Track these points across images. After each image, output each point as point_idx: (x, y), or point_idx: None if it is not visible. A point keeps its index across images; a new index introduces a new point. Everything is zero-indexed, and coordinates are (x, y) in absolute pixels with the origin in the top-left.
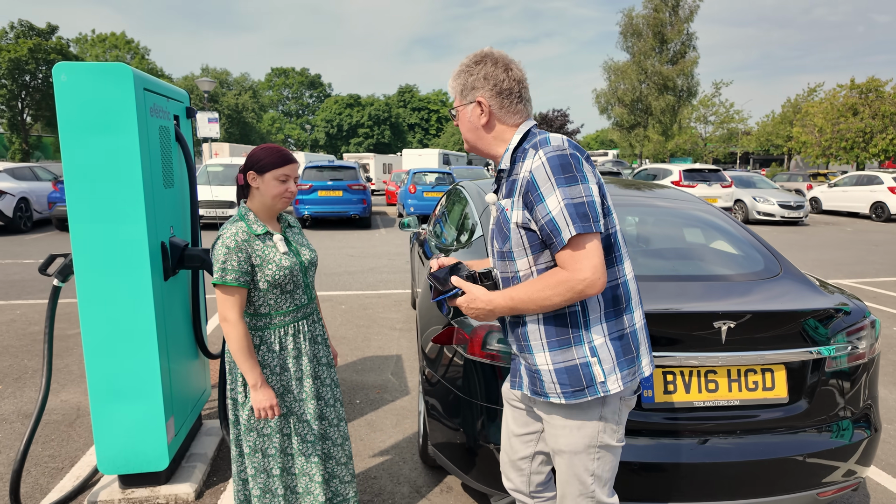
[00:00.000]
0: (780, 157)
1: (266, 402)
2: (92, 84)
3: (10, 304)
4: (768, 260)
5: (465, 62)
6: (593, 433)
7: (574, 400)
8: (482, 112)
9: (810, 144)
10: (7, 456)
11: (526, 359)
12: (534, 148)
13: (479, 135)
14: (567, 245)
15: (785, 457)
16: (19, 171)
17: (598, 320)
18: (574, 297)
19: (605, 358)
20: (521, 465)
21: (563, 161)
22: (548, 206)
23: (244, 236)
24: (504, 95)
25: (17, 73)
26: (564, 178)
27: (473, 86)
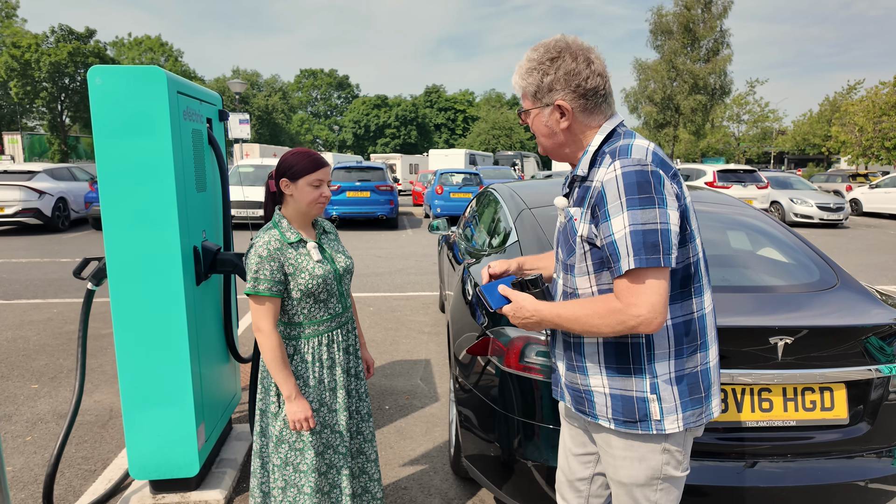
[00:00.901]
0: (817, 157)
1: (301, 414)
2: (126, 87)
3: (48, 302)
4: (823, 269)
5: (538, 57)
6: (656, 466)
7: (624, 429)
8: (563, 116)
9: (850, 144)
10: (42, 457)
11: (575, 378)
12: (612, 155)
13: (558, 140)
14: (625, 276)
15: (844, 482)
16: (58, 172)
17: (666, 356)
18: (624, 332)
19: (665, 398)
20: (579, 486)
21: (640, 178)
22: (612, 227)
23: (277, 245)
24: (588, 96)
25: (57, 76)
26: (638, 199)
27: (551, 87)
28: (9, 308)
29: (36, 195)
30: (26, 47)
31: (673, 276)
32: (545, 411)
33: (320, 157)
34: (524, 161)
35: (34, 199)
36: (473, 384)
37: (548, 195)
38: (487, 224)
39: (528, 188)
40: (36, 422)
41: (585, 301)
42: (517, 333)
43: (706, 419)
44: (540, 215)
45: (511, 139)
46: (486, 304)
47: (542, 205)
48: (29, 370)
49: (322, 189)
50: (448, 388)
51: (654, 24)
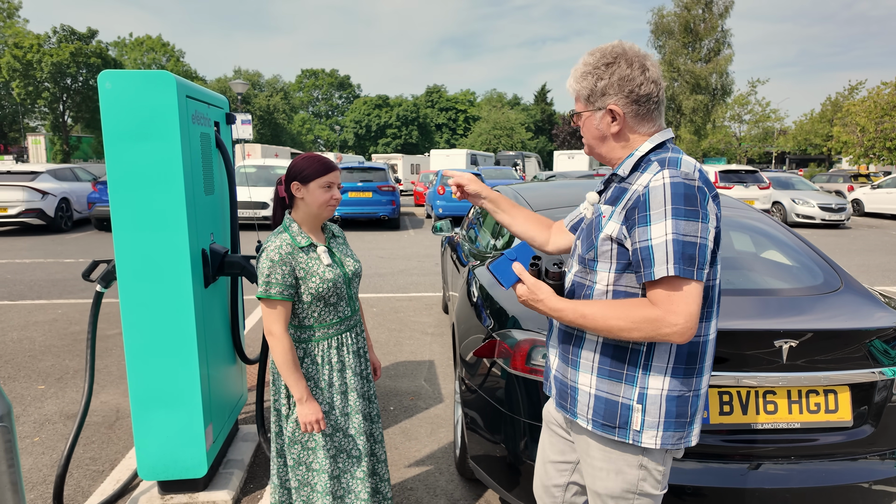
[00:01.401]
0: (818, 157)
1: (312, 416)
2: (136, 92)
3: (52, 303)
4: (827, 272)
5: (593, 62)
6: (633, 480)
7: (601, 431)
8: (614, 121)
9: (852, 144)
10: (51, 457)
11: (566, 373)
12: (660, 164)
13: (608, 143)
14: (662, 283)
15: (848, 484)
16: (60, 172)
17: (662, 371)
18: (655, 339)
19: (650, 412)
20: (554, 492)
21: (688, 191)
22: (650, 232)
23: (288, 249)
24: (641, 102)
25: (59, 76)
26: (684, 210)
27: (604, 91)
28: (14, 309)
29: (39, 196)
30: (28, 47)
31: None
32: None
33: (330, 161)
34: (525, 161)
35: (37, 200)
36: (479, 386)
37: (552, 197)
38: (491, 226)
39: (532, 190)
40: (43, 422)
41: (615, 304)
42: (523, 336)
43: (684, 444)
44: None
45: (512, 139)
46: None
47: (547, 207)
48: (35, 371)
49: (333, 191)
50: (452, 389)
51: (654, 25)
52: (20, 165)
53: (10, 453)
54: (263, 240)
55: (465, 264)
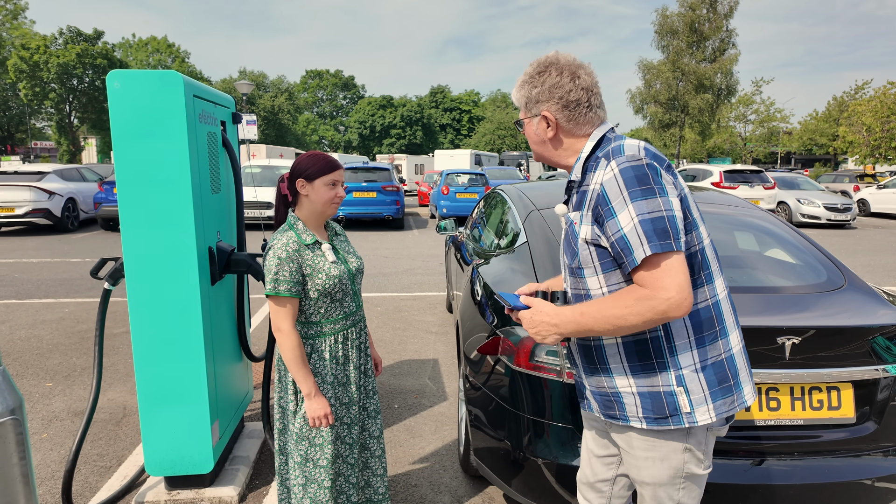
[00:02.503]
0: (824, 157)
1: (321, 411)
2: (144, 91)
3: (60, 301)
4: (830, 270)
5: (529, 71)
6: (678, 465)
7: (656, 426)
8: (548, 126)
9: (858, 144)
10: (59, 454)
11: (601, 382)
12: (606, 157)
13: (547, 148)
14: (643, 265)
15: (850, 481)
16: (67, 173)
17: (687, 346)
18: (655, 319)
19: (693, 389)
20: (601, 487)
21: (637, 172)
22: (619, 223)
23: (294, 246)
24: (571, 108)
25: (66, 77)
26: (640, 191)
27: (538, 98)
28: (22, 307)
29: (46, 196)
30: (35, 49)
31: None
32: (555, 409)
33: (334, 159)
34: (529, 161)
35: (44, 200)
36: (483, 383)
37: (556, 197)
38: (496, 225)
39: (536, 189)
40: (51, 419)
41: (608, 297)
42: (527, 333)
43: (739, 407)
44: (549, 216)
45: (516, 139)
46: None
47: (551, 206)
48: (43, 368)
49: (337, 189)
50: (456, 387)
51: (658, 25)
52: (27, 166)
53: (21, 446)
54: (269, 238)
55: (468, 263)
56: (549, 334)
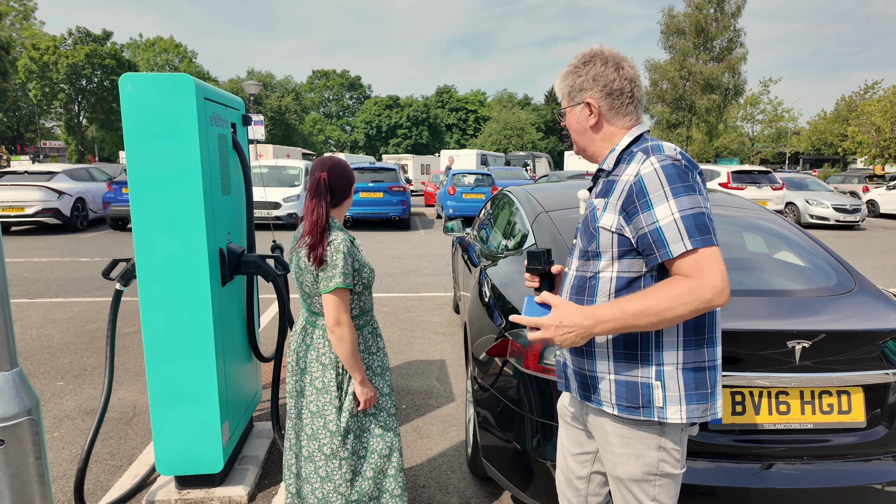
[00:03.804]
0: (833, 157)
1: (371, 393)
2: (156, 94)
3: (70, 301)
4: (840, 273)
5: (573, 63)
6: (653, 462)
7: (626, 414)
8: (591, 113)
9: (867, 144)
10: (70, 452)
11: (583, 364)
12: (644, 153)
13: (588, 137)
14: (683, 258)
15: (860, 485)
16: (76, 172)
17: (674, 346)
18: (701, 308)
19: (670, 386)
20: (578, 484)
21: (678, 170)
22: (655, 215)
23: (349, 243)
24: (615, 96)
25: (75, 77)
26: (683, 187)
27: (582, 87)
28: (32, 307)
29: (55, 195)
30: (45, 49)
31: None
32: None
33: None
34: (536, 161)
35: (53, 200)
36: (492, 385)
37: (564, 198)
38: (503, 227)
39: (544, 191)
40: (63, 418)
41: (650, 290)
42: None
43: (711, 417)
44: (557, 218)
45: (523, 139)
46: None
47: (559, 207)
48: (54, 368)
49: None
50: (463, 388)
51: (665, 25)
52: (37, 165)
53: (37, 446)
54: (278, 239)
55: (476, 264)
56: (581, 338)
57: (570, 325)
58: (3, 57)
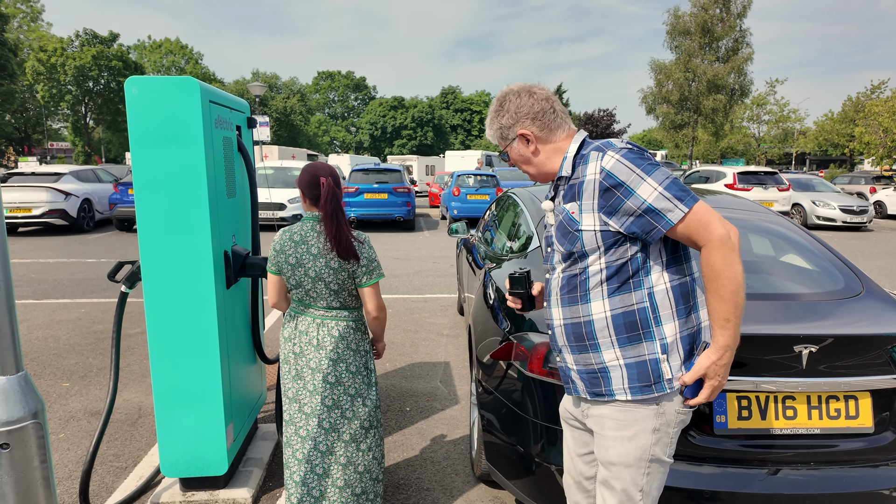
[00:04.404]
0: (840, 158)
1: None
2: (161, 97)
3: (76, 302)
4: (848, 277)
5: (492, 109)
6: (645, 444)
7: (640, 395)
8: (528, 141)
9: (874, 145)
10: (76, 453)
11: (588, 359)
12: (597, 150)
13: (533, 162)
14: (684, 222)
15: (868, 491)
16: (83, 174)
17: (671, 317)
18: (735, 251)
19: (673, 356)
20: (587, 485)
21: (637, 155)
22: (641, 195)
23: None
24: (540, 117)
25: (82, 79)
26: (648, 165)
27: (509, 124)
28: (39, 307)
29: (62, 196)
30: (52, 51)
31: (665, 243)
32: None
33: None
34: None
35: (60, 201)
36: (496, 388)
37: None
38: (508, 229)
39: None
40: (68, 419)
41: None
42: (540, 339)
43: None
44: None
45: None
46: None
47: None
48: (60, 369)
49: None
50: (468, 390)
51: (670, 26)
52: (44, 167)
53: (42, 449)
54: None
55: (481, 266)
56: (727, 372)
57: (718, 373)
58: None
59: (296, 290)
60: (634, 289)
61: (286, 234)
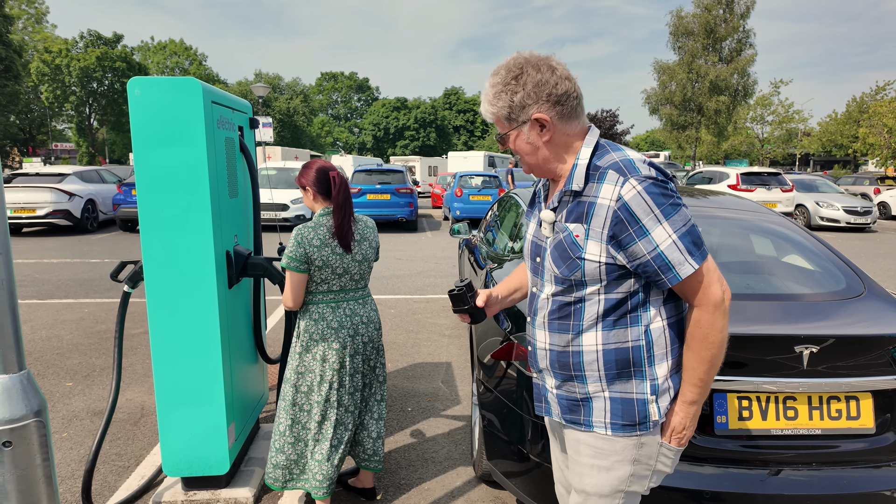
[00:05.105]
0: (844, 158)
1: None
2: (164, 98)
3: (79, 302)
4: (850, 277)
5: (502, 80)
6: (623, 476)
7: (622, 433)
8: (543, 128)
9: (878, 146)
10: (78, 452)
11: (572, 387)
12: (618, 172)
13: (543, 155)
14: (689, 278)
15: (870, 492)
16: (87, 174)
17: (664, 357)
18: (726, 315)
19: (664, 396)
20: None
21: (661, 189)
22: (655, 240)
23: None
24: (563, 101)
25: (86, 80)
26: (670, 206)
27: (523, 103)
28: (42, 307)
29: (66, 197)
30: (57, 52)
31: None
32: None
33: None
34: None
35: (64, 201)
36: (497, 388)
37: None
38: (509, 229)
39: None
40: (71, 419)
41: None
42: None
43: None
44: None
45: None
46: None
47: None
48: (63, 368)
49: None
50: (469, 391)
51: (673, 27)
52: (48, 167)
53: (44, 447)
54: (286, 241)
55: (482, 267)
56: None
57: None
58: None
59: (339, 279)
60: (631, 324)
61: (318, 230)
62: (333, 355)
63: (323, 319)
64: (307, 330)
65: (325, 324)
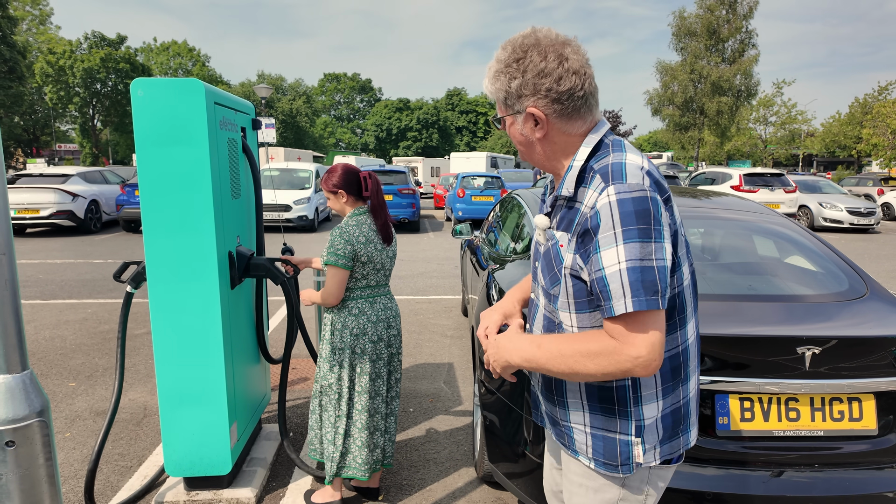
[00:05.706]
0: (847, 159)
1: None
2: (166, 99)
3: (83, 302)
4: (852, 278)
5: (504, 57)
6: (612, 499)
7: (603, 469)
8: (537, 125)
9: (882, 146)
10: (81, 452)
11: (555, 413)
12: (604, 177)
13: (535, 150)
14: (620, 317)
15: (872, 493)
16: (90, 175)
17: (653, 397)
18: (616, 374)
19: (649, 438)
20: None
21: (638, 206)
22: (602, 260)
23: None
24: (563, 99)
25: (90, 81)
26: (637, 231)
27: (520, 92)
28: (46, 308)
29: (69, 198)
30: (61, 53)
31: None
32: None
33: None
34: None
35: (68, 202)
36: (499, 389)
37: None
38: (511, 230)
39: None
40: (74, 419)
41: (572, 337)
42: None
43: (682, 450)
44: None
45: None
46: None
47: None
48: (66, 368)
49: None
50: (471, 391)
51: (676, 27)
52: (52, 168)
53: (47, 447)
54: (289, 242)
55: (484, 267)
56: (499, 366)
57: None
58: (19, 61)
59: (376, 274)
60: None
61: (361, 227)
62: (373, 348)
63: (363, 314)
64: (346, 325)
65: (365, 318)
